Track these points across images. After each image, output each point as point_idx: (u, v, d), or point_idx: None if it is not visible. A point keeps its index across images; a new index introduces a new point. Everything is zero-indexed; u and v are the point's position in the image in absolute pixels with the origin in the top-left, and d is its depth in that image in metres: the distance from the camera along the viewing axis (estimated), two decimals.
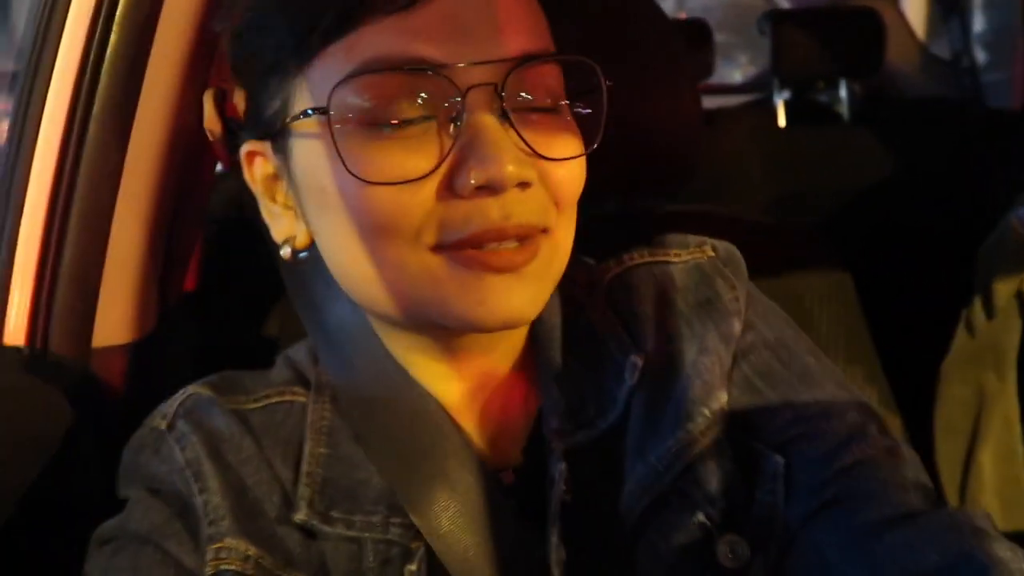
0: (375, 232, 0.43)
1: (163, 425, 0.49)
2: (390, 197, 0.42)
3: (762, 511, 0.48)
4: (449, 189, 0.43)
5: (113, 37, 0.56)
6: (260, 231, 0.52)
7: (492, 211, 0.42)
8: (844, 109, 1.64)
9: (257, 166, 0.49)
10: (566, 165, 0.45)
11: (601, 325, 0.53)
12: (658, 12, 0.72)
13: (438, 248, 0.43)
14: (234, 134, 0.52)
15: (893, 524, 0.44)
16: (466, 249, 0.43)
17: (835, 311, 0.86)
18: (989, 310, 0.88)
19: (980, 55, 1.68)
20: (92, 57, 0.55)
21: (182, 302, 0.67)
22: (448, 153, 0.42)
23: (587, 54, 0.46)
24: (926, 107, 1.66)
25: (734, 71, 2.54)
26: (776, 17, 1.67)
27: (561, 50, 0.46)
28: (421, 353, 0.50)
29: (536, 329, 0.52)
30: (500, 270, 0.43)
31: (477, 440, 0.51)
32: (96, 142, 0.55)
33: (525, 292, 0.44)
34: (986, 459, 0.86)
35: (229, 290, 0.76)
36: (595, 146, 0.46)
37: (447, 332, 0.48)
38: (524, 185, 0.43)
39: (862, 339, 0.85)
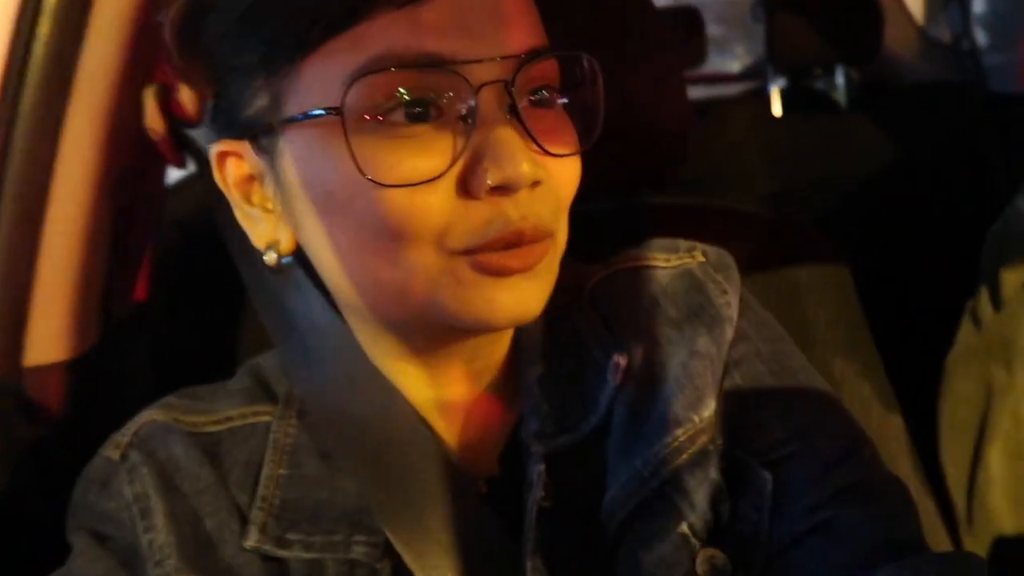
0: (388, 235, 0.42)
1: (115, 456, 0.47)
2: (404, 199, 0.41)
3: (746, 527, 0.47)
4: (463, 190, 0.42)
5: (42, 29, 0.52)
6: (223, 237, 0.50)
7: (510, 212, 0.42)
8: (842, 96, 1.60)
9: (231, 167, 0.46)
10: (568, 162, 0.44)
11: (585, 328, 0.52)
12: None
13: (460, 252, 0.42)
14: (181, 132, 0.50)
15: (880, 561, 0.43)
16: (486, 252, 0.42)
17: (831, 305, 0.83)
18: (996, 301, 0.84)
19: (981, 37, 1.64)
20: (19, 51, 0.51)
21: (132, 313, 0.63)
22: (461, 152, 0.41)
23: (569, 44, 0.45)
24: (926, 92, 1.62)
25: (731, 63, 2.51)
26: (770, 3, 1.63)
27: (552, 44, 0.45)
28: (406, 359, 0.49)
29: (518, 332, 0.51)
30: (516, 272, 0.43)
31: (455, 448, 0.50)
32: (23, 142, 0.52)
33: (534, 291, 0.44)
34: (994, 457, 0.82)
35: (187, 299, 0.73)
36: (595, 140, 0.45)
37: (443, 334, 0.47)
38: (536, 184, 0.42)
39: (860, 333, 0.82)
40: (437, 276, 0.43)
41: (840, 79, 1.60)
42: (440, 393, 0.50)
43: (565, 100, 0.46)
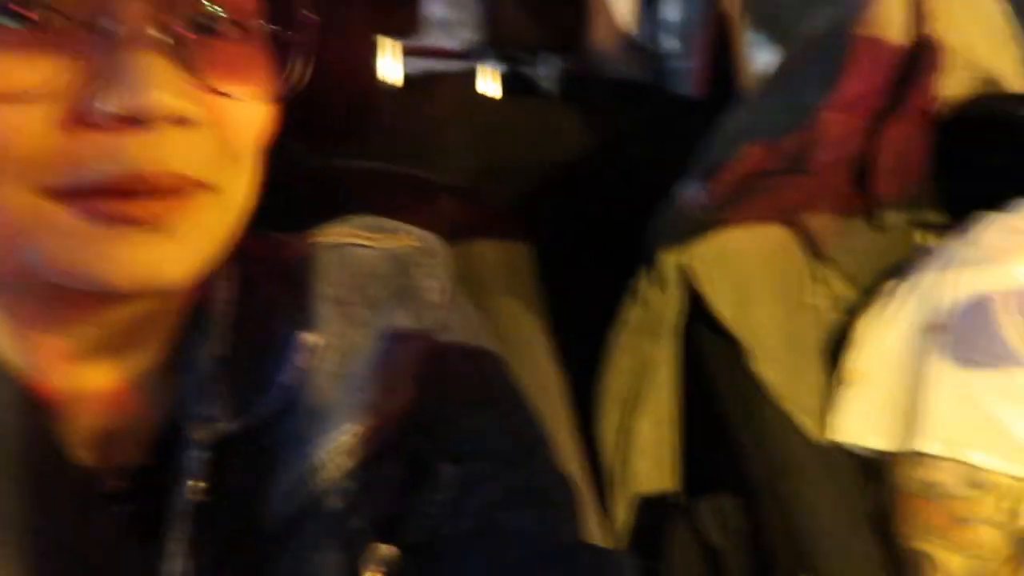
0: None
1: None
2: None
3: (422, 524, 0.45)
4: (79, 117, 0.34)
5: None
6: None
7: (136, 152, 0.34)
8: (550, 84, 1.68)
9: None
10: (247, 106, 0.38)
11: (275, 304, 0.46)
12: None
13: (61, 193, 0.34)
14: None
15: (539, 566, 0.43)
16: (99, 197, 0.34)
17: (511, 282, 0.85)
18: (654, 281, 0.91)
19: (670, 43, 1.81)
20: None
21: None
22: (83, 69, 0.34)
23: None
24: (624, 89, 1.75)
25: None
26: None
27: None
28: (26, 329, 0.39)
29: (194, 304, 0.44)
30: (141, 223, 0.35)
31: (86, 438, 0.42)
32: None
33: (172, 251, 0.36)
34: (644, 425, 0.90)
35: None
36: (294, 88, 0.39)
37: (69, 298, 0.37)
38: (183, 122, 0.34)
39: (534, 307, 0.84)
40: (35, 221, 0.34)
41: (549, 67, 1.68)
42: (73, 372, 0.41)
43: (271, 35, 0.39)
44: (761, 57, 1.60)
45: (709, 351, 0.88)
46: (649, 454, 0.90)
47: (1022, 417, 0.70)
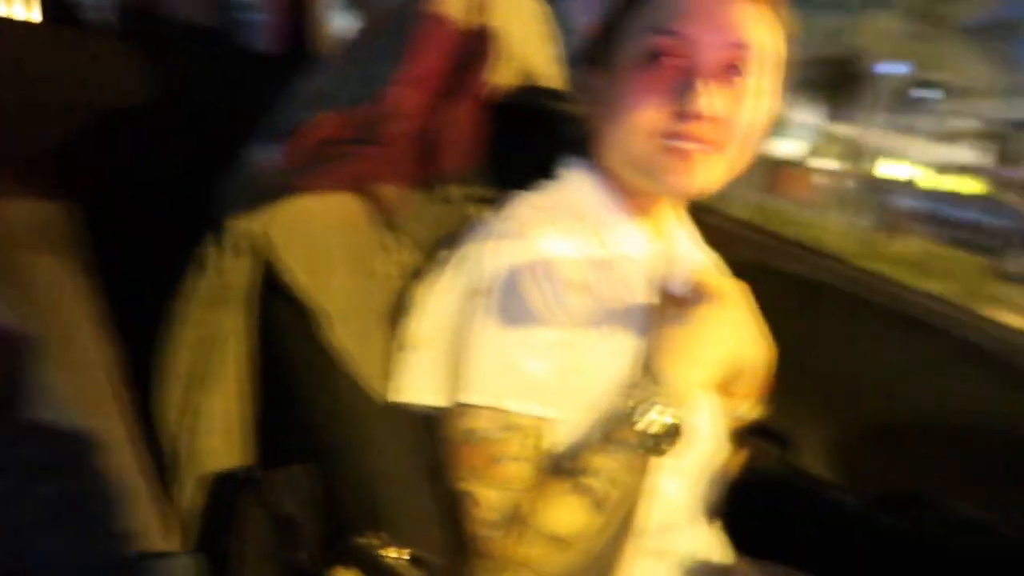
0: None
1: None
2: None
3: None
4: None
5: None
6: None
7: None
8: (100, 15, 1.47)
9: None
10: None
11: None
12: None
13: None
14: None
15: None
16: None
17: (50, 245, 0.73)
18: (225, 248, 0.86)
19: None
20: None
21: None
22: None
23: None
24: (189, 32, 1.61)
25: None
26: None
27: None
28: None
29: None
30: None
31: None
32: None
33: None
34: (213, 401, 0.85)
35: None
36: None
37: None
38: None
39: (81, 278, 0.74)
40: None
41: None
42: None
43: None
44: (339, 20, 1.60)
45: (282, 320, 0.86)
46: (219, 431, 0.85)
47: (542, 367, 0.82)
